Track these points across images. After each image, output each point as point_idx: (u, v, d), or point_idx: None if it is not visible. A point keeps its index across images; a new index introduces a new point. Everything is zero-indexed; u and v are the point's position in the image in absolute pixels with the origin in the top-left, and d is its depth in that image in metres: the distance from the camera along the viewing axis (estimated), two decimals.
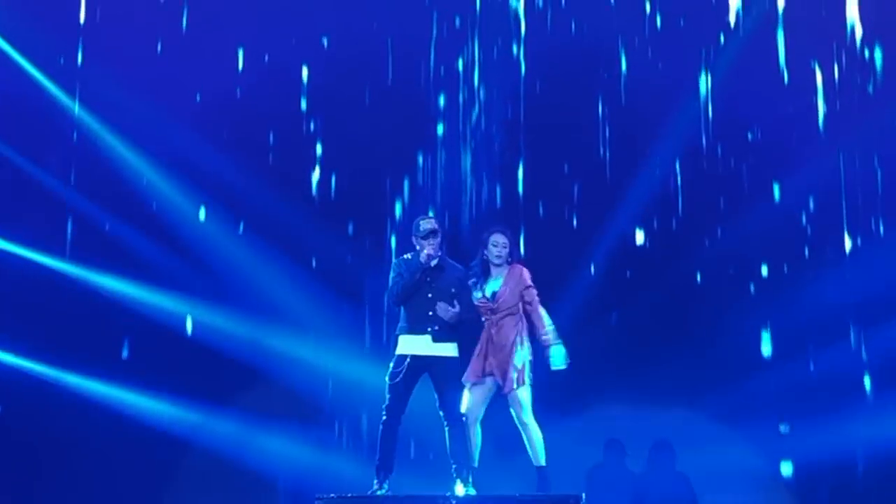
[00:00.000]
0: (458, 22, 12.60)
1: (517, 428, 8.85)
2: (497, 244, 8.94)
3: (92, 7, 12.43)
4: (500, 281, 8.91)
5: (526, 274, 8.91)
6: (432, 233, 8.83)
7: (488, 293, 8.88)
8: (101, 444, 12.22)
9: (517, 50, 12.49)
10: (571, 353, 8.73)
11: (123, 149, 12.59)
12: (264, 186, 12.63)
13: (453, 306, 8.75)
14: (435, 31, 12.59)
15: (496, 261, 8.93)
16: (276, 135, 12.87)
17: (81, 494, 12.05)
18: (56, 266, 12.43)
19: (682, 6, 12.28)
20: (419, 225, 8.96)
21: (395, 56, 12.69)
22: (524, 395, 8.82)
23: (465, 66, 12.55)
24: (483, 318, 8.92)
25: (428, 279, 8.82)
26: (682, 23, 12.23)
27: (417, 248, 8.91)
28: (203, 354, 12.28)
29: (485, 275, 8.95)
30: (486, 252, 8.96)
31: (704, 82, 12.33)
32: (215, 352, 12.27)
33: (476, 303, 8.87)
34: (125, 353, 12.40)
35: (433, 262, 8.83)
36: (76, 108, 12.54)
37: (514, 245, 9.01)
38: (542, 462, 8.87)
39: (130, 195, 12.57)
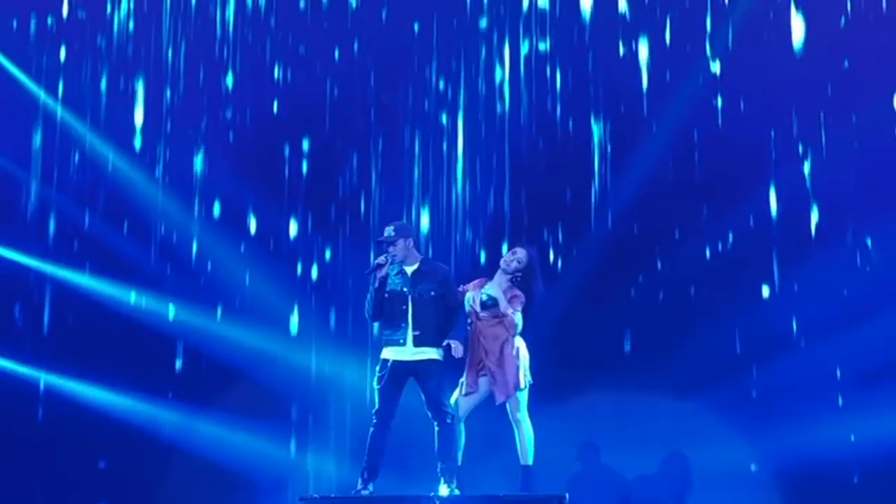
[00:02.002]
0: (442, 85, 12.91)
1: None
2: (516, 252, 9.07)
3: None
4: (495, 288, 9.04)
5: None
6: (377, 244, 9.17)
7: (484, 297, 9.03)
8: (80, 443, 12.15)
9: (501, 109, 12.72)
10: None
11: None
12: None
13: (433, 310, 8.88)
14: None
15: (503, 266, 9.08)
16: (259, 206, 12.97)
17: (60, 495, 11.99)
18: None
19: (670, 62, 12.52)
20: None
21: (379, 122, 12.97)
22: (522, 394, 8.94)
23: (448, 127, 12.80)
24: (468, 322, 9.06)
25: (404, 288, 8.92)
26: (668, 76, 12.48)
27: None
28: (184, 353, 12.29)
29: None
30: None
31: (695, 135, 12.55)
32: (197, 351, 12.27)
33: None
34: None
35: (413, 265, 8.97)
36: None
37: (528, 267, 9.02)
38: (530, 462, 8.93)
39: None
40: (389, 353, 8.91)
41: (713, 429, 11.59)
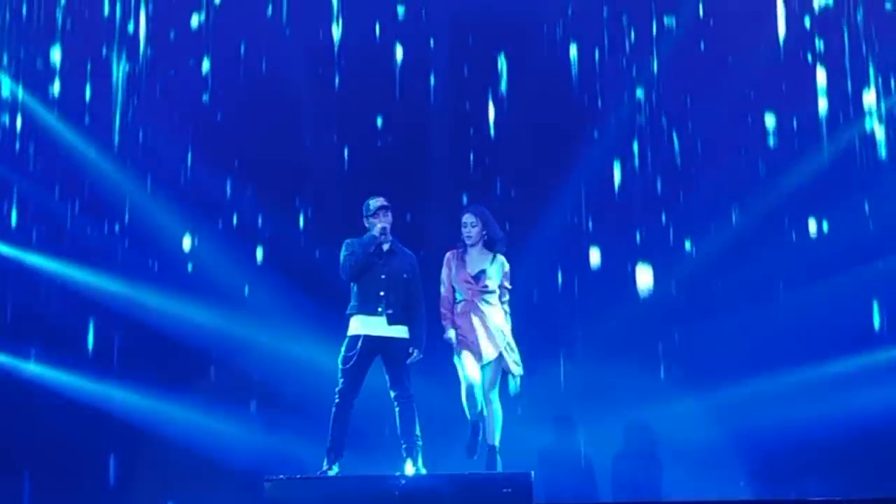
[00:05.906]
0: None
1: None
2: (466, 224, 9.10)
3: None
4: (486, 263, 9.04)
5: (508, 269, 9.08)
6: (383, 208, 9.01)
7: (474, 273, 9.02)
8: (54, 428, 12.12)
9: None
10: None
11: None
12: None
13: (403, 291, 8.92)
14: None
15: (467, 241, 9.08)
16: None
17: (37, 482, 12.04)
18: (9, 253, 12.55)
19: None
20: (369, 204, 9.08)
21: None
22: (499, 376, 8.96)
23: None
24: (462, 298, 9.04)
25: (381, 261, 8.93)
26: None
27: (369, 227, 9.08)
28: (155, 340, 12.23)
29: (465, 256, 9.09)
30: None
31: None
32: (168, 337, 12.21)
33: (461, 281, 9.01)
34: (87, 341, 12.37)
35: (386, 244, 8.99)
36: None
37: (486, 225, 9.09)
38: (496, 442, 8.94)
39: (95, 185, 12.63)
40: (362, 327, 8.86)
41: (680, 403, 11.68)
